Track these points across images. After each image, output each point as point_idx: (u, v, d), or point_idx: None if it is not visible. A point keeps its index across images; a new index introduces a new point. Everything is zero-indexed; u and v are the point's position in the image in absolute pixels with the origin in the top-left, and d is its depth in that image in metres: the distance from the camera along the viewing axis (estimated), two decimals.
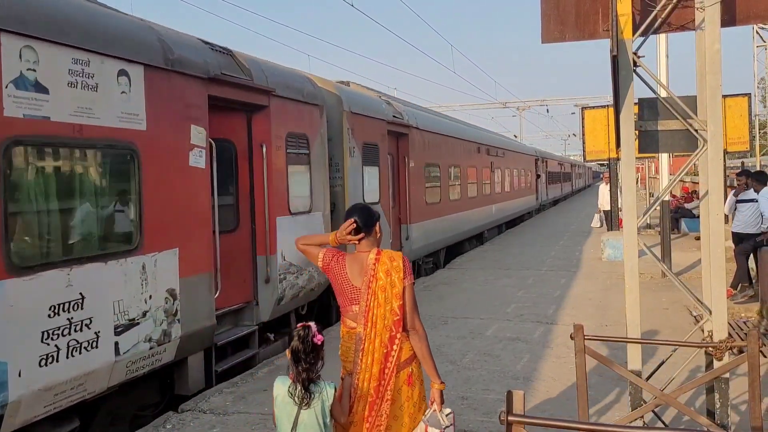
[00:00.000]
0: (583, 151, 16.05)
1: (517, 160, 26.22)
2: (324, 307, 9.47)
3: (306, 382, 3.30)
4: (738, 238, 10.18)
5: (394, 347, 3.51)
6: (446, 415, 3.56)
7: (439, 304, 10.43)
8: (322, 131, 8.98)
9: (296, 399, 3.31)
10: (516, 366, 7.05)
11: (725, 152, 14.23)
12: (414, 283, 3.65)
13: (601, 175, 22.19)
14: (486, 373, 6.83)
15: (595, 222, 21.09)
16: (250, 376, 6.93)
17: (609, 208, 18.64)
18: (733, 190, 10.34)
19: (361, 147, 10.31)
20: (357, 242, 3.63)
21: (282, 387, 3.39)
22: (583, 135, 15.75)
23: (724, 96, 10.37)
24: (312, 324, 3.43)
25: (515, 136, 47.08)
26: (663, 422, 4.88)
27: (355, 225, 3.59)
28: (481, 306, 10.19)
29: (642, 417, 4.37)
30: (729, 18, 4.62)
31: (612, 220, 17.04)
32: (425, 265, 14.26)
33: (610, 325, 8.63)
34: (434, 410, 3.54)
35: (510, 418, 2.46)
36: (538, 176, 31.67)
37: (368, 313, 3.52)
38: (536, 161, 31.49)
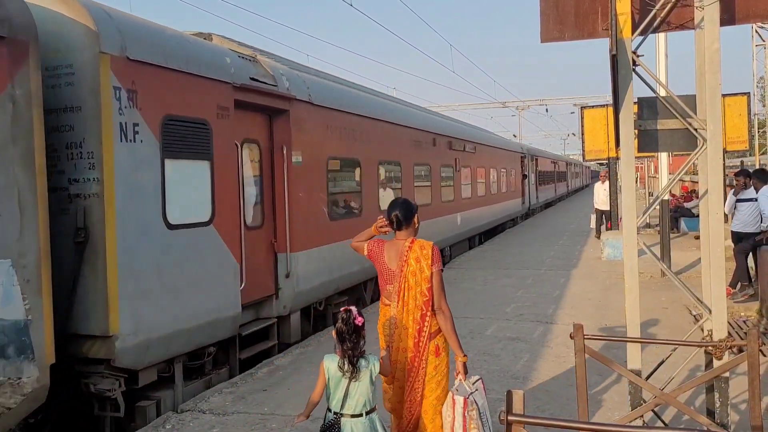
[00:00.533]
0: (583, 150, 16.04)
1: (496, 157, 22.07)
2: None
3: (353, 358, 3.78)
4: (737, 237, 10.18)
5: (425, 324, 4.13)
6: (473, 383, 4.06)
7: None
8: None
9: (345, 373, 3.78)
10: (516, 365, 7.05)
11: (724, 151, 14.22)
12: (443, 269, 4.22)
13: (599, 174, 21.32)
14: (486, 373, 6.81)
15: (592, 220, 20.64)
16: (250, 376, 6.92)
17: (605, 208, 18.29)
18: (733, 189, 10.34)
19: (159, 125, 5.95)
20: (390, 231, 4.27)
21: (332, 363, 3.83)
22: (583, 134, 15.74)
23: (723, 95, 10.36)
24: (353, 307, 3.90)
25: (514, 136, 47.05)
26: (663, 421, 4.88)
27: (387, 224, 4.26)
28: (481, 305, 10.18)
29: (642, 416, 4.37)
30: (728, 17, 4.62)
31: (612, 220, 16.98)
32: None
33: (610, 325, 8.62)
34: (460, 380, 4.04)
35: (510, 417, 2.46)
36: (525, 176, 28.31)
37: (400, 293, 4.14)
38: (522, 159, 27.82)
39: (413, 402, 4.19)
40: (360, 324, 3.82)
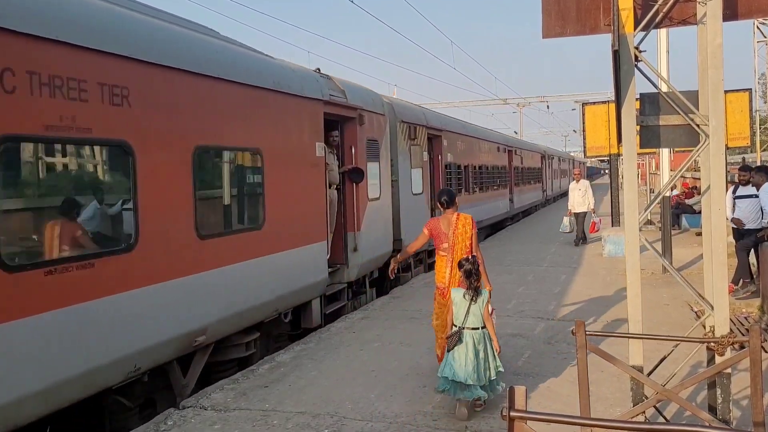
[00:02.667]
0: (584, 147, 16.03)
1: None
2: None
3: (475, 289, 5.59)
4: (738, 233, 10.17)
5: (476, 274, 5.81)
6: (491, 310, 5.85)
7: None
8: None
9: (467, 299, 5.57)
10: (517, 362, 7.05)
11: (726, 148, 14.19)
12: (478, 232, 6.57)
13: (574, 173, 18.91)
14: None
15: (564, 227, 17.70)
16: (251, 372, 6.93)
17: (582, 210, 17.24)
18: (732, 187, 10.33)
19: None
20: (445, 210, 6.41)
21: (458, 293, 5.67)
22: (584, 131, 15.73)
23: (725, 91, 10.36)
24: (475, 255, 6.00)
25: (515, 133, 46.95)
26: (665, 418, 4.88)
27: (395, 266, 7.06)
28: None
29: (644, 412, 4.36)
30: (730, 12, 4.61)
31: (613, 218, 16.88)
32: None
33: (611, 322, 8.62)
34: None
35: (512, 413, 2.45)
36: (433, 180, 15.48)
37: (453, 246, 6.28)
38: (432, 143, 14.80)
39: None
40: (470, 266, 5.62)
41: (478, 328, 5.53)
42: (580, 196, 17.21)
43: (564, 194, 33.91)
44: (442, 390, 5.57)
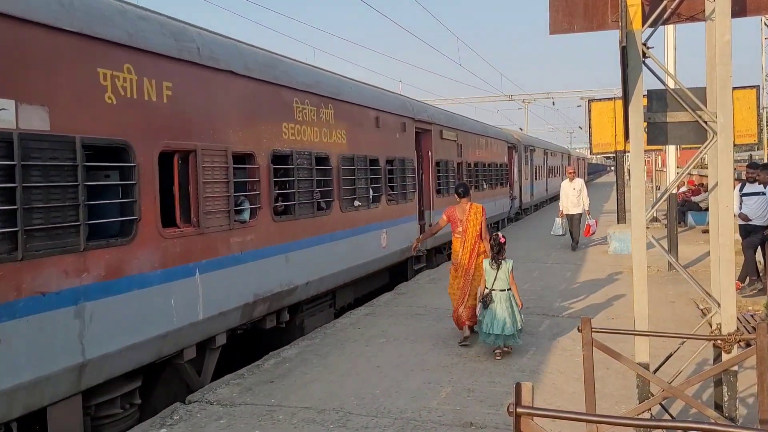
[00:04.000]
0: (590, 144, 15.97)
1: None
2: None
3: (499, 259, 7.10)
4: (745, 230, 10.13)
5: (476, 245, 7.82)
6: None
7: (445, 296, 10.37)
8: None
9: (494, 268, 7.10)
10: (522, 358, 7.04)
11: (733, 145, 14.11)
12: (486, 218, 8.06)
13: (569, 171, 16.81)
14: (492, 366, 6.82)
15: (557, 228, 15.98)
16: (257, 368, 6.95)
17: (577, 212, 15.73)
18: (739, 184, 10.29)
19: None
20: (460, 199, 8.03)
21: (487, 264, 7.19)
22: (590, 128, 15.67)
23: (733, 88, 10.31)
24: (500, 232, 7.39)
25: (520, 129, 46.86)
26: (670, 415, 4.87)
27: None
28: None
29: (649, 410, 4.36)
30: (739, 8, 4.58)
31: (619, 215, 16.79)
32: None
33: (617, 318, 8.61)
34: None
35: (519, 409, 2.45)
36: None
37: (466, 230, 7.84)
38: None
39: (465, 287, 7.75)
40: (503, 241, 7.18)
41: (504, 290, 7.06)
42: (575, 197, 15.69)
43: (555, 198, 31.02)
44: (483, 341, 7.11)
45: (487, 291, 7.09)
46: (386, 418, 5.46)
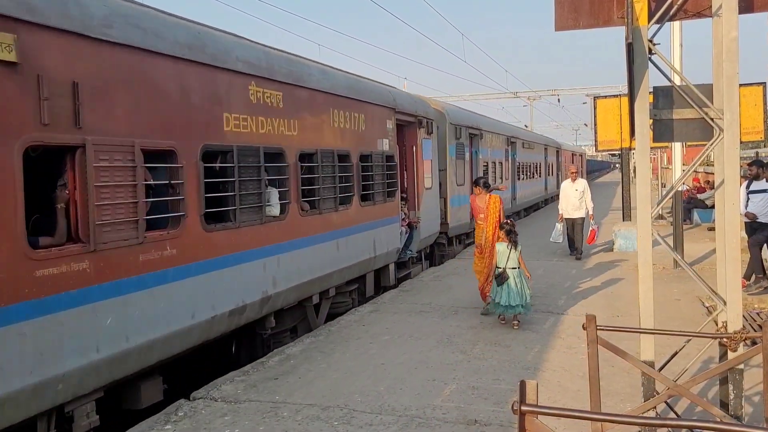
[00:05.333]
0: (595, 141, 15.89)
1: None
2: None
3: (512, 242, 8.28)
4: (751, 228, 10.09)
5: (497, 230, 8.83)
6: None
7: (449, 294, 10.42)
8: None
9: (508, 249, 8.23)
10: (527, 356, 7.03)
11: (739, 142, 14.01)
12: (503, 206, 9.33)
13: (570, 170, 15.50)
14: (496, 363, 6.82)
15: (556, 235, 14.24)
16: (261, 365, 6.95)
17: (579, 216, 14.16)
18: (746, 182, 10.24)
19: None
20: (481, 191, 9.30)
21: (502, 246, 8.33)
22: (595, 125, 15.60)
23: (739, 85, 10.24)
24: (511, 219, 9.22)
25: (525, 126, 46.73)
26: (676, 413, 4.86)
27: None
28: None
29: (655, 408, 4.35)
30: (746, 5, 4.55)
31: (624, 213, 16.68)
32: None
33: (622, 316, 8.58)
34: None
35: (523, 407, 2.44)
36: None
37: (487, 217, 9.05)
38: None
39: (490, 266, 8.73)
40: (509, 228, 8.45)
41: (515, 268, 8.26)
42: (577, 199, 14.15)
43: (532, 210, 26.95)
44: (496, 312, 8.31)
45: (501, 269, 8.17)
46: (390, 416, 5.46)
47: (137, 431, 5.36)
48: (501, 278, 8.12)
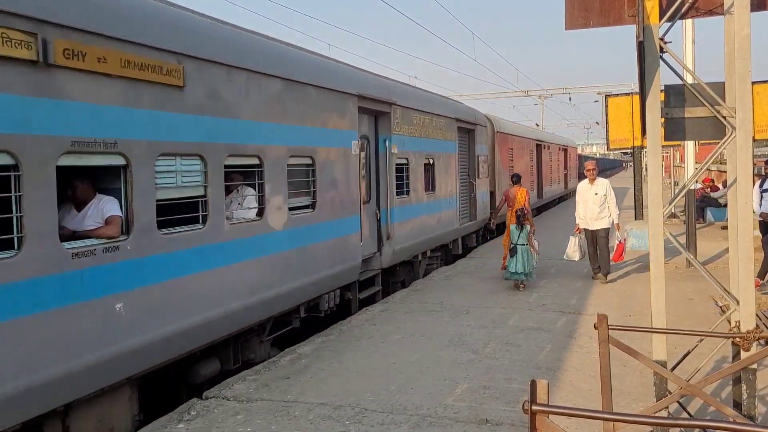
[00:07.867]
0: (607, 139, 15.83)
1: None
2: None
3: (521, 223, 10.83)
4: (765, 227, 10.02)
5: (514, 215, 11.27)
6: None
7: (460, 293, 10.42)
8: None
9: (518, 230, 10.78)
10: (538, 356, 7.02)
11: (752, 140, 13.89)
12: (529, 197, 12.52)
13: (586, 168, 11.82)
14: (508, 363, 6.81)
15: (572, 248, 11.32)
16: (273, 364, 6.99)
17: (601, 226, 11.03)
18: (759, 181, 10.16)
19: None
20: (514, 184, 12.26)
21: (513, 226, 10.91)
22: (607, 123, 15.53)
23: (752, 82, 10.17)
24: (524, 207, 11.46)
25: (537, 125, 46.56)
26: (688, 413, 4.84)
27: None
28: (503, 295, 10.15)
29: (667, 407, 4.33)
30: (758, 2, 4.52)
31: (636, 212, 16.56)
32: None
33: (634, 316, 8.55)
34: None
35: (534, 407, 2.45)
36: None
37: (514, 206, 11.63)
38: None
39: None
40: (520, 213, 10.92)
41: (524, 244, 10.59)
42: (597, 205, 11.02)
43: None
44: (508, 278, 10.69)
45: (513, 245, 10.65)
46: (402, 415, 5.47)
47: (151, 429, 5.41)
48: (512, 251, 10.59)
